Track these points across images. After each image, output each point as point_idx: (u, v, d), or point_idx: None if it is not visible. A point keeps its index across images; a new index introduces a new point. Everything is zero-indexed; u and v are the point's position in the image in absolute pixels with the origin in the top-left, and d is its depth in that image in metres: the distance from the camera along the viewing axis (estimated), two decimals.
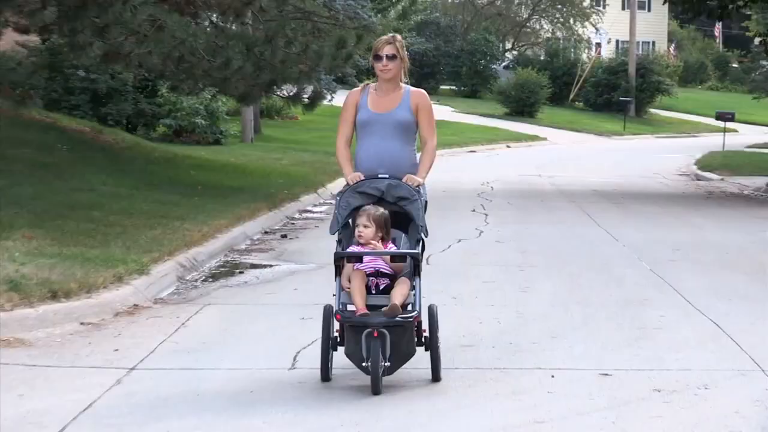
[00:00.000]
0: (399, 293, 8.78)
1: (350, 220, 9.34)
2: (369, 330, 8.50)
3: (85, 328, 11.49)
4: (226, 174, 27.33)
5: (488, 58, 76.27)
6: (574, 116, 71.20)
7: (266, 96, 32.05)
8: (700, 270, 16.43)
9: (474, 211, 24.50)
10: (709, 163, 43.78)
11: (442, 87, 76.68)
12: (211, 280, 15.04)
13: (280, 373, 9.87)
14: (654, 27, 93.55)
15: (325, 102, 34.41)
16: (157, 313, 12.53)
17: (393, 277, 9.03)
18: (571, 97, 76.55)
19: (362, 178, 9.21)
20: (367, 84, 9.80)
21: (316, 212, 24.26)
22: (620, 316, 12.78)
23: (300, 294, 13.98)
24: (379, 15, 59.95)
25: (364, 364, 8.63)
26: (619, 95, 71.82)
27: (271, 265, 16.30)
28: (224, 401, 8.98)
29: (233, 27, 26.73)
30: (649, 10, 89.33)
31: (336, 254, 9.02)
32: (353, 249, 9.06)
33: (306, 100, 32.18)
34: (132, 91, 36.78)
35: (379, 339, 8.45)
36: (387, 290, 8.95)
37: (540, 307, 13.36)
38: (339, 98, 52.15)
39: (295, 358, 10.33)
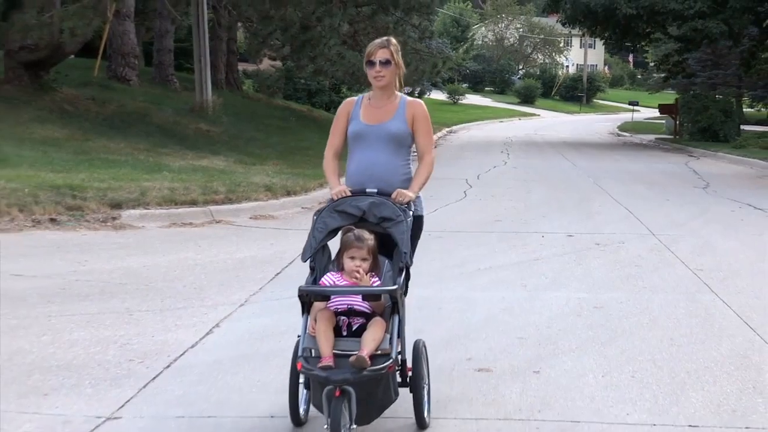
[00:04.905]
0: (370, 339, 3.78)
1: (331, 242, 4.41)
2: (330, 387, 3.60)
3: (303, 210, 11.48)
4: None
5: (510, 73, 75.28)
6: (554, 103, 69.67)
7: None
8: (620, 183, 15.94)
9: (502, 152, 24.02)
10: (624, 127, 42.69)
11: (486, 89, 75.72)
12: None
13: None
14: (597, 56, 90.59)
15: (425, 96, 34.48)
16: None
17: (371, 315, 3.96)
18: (553, 93, 74.84)
19: (348, 193, 4.45)
20: (363, 95, 4.78)
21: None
22: (578, 206, 12.45)
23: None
24: (454, 51, 59.02)
25: (325, 426, 3.59)
26: (577, 92, 70.71)
27: None
28: None
29: None
30: (594, 48, 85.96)
31: (300, 289, 3.83)
32: (329, 277, 4.05)
33: (417, 95, 32.05)
34: (327, 90, 36.66)
35: (342, 398, 3.58)
36: (361, 331, 3.88)
37: (536, 201, 13.03)
38: (434, 94, 51.48)
39: None
